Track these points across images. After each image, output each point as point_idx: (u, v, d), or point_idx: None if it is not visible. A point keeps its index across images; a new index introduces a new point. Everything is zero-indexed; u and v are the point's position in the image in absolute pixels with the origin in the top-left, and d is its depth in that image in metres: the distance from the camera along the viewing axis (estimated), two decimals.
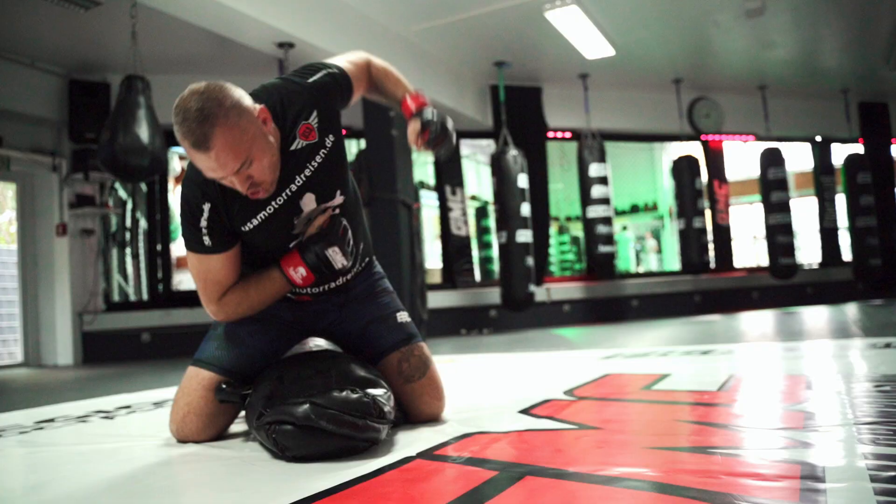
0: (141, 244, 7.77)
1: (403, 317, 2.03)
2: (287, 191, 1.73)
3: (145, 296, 7.68)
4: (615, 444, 1.57)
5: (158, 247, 7.65)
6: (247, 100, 1.61)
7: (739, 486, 1.14)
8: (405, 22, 6.87)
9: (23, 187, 7.11)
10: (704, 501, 1.07)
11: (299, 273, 1.77)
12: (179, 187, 1.72)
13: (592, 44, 7.42)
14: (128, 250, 7.78)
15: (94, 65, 6.94)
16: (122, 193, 7.68)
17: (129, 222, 7.74)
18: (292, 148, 1.71)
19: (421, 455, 1.54)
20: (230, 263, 1.78)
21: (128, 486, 1.44)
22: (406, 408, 1.96)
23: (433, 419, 1.97)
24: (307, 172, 1.74)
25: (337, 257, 1.76)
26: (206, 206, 1.69)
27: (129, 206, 7.77)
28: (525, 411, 2.07)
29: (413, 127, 1.87)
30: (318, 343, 2.00)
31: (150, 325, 7.21)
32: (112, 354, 7.03)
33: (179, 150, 8.79)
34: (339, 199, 1.83)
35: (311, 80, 1.77)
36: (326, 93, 1.78)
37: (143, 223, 7.74)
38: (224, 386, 1.76)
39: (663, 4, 6.98)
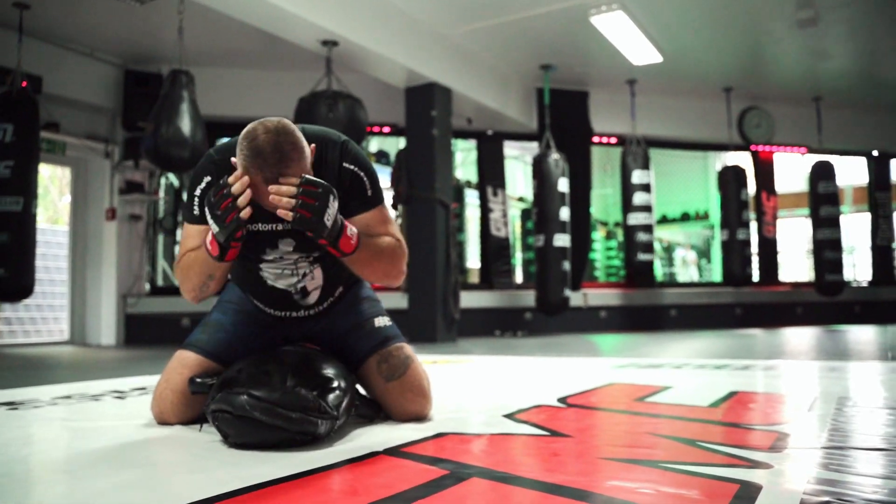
0: None
1: (381, 321, 2.07)
2: (273, 225, 1.83)
3: None
4: (574, 452, 1.60)
5: None
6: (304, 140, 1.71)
7: (668, 501, 1.16)
8: (451, 23, 6.91)
9: (77, 172, 7.41)
10: None
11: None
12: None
13: (639, 50, 7.36)
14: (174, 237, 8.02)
15: (149, 56, 7.19)
16: (174, 181, 7.91)
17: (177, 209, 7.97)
18: None
19: (388, 451, 1.59)
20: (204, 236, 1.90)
21: (101, 461, 1.53)
22: (390, 407, 1.99)
23: (418, 417, 2.00)
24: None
25: None
26: (206, 179, 1.84)
27: (182, 193, 8.00)
28: (510, 416, 2.10)
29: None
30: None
31: (190, 311, 7.40)
32: (152, 337, 7.26)
33: (220, 141, 9.00)
34: (315, 254, 1.89)
35: (352, 166, 1.86)
36: (353, 183, 1.86)
37: None
38: (198, 379, 1.85)
39: (713, 12, 6.89)
